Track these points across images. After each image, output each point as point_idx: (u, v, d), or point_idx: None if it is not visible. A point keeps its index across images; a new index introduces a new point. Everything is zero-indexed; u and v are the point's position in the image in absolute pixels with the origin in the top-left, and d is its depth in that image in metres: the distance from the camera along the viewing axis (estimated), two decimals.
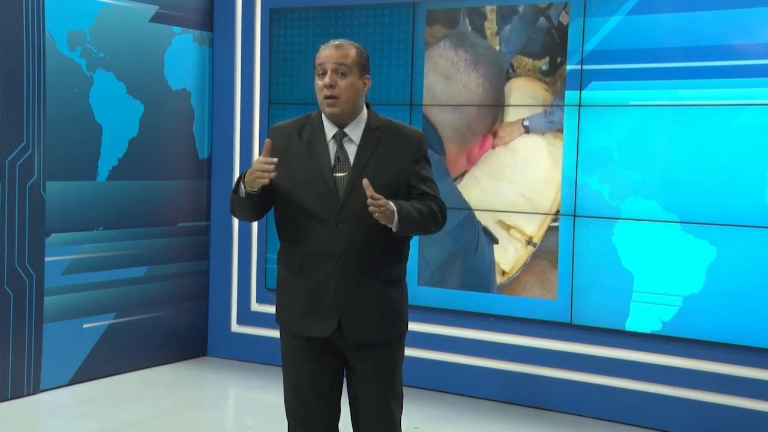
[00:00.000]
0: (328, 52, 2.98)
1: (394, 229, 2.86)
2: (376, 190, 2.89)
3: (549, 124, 5.11)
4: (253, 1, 5.99)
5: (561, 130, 5.06)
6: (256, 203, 2.96)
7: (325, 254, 2.94)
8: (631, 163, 4.90)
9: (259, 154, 6.00)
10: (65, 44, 5.24)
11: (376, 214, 2.80)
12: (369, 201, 2.79)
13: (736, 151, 4.63)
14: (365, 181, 2.81)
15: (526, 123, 5.17)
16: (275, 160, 2.85)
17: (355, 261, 2.93)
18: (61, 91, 5.24)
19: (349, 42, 3.02)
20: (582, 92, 5.00)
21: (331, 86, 2.95)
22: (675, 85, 4.78)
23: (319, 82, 2.99)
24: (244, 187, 2.92)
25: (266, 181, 2.85)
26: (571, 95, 5.03)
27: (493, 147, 5.28)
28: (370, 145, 3.00)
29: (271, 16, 5.93)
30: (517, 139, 5.21)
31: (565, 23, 5.01)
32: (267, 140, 2.91)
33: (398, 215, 2.84)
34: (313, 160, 2.98)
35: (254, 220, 3.19)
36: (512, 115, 5.22)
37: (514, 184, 5.23)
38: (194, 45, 6.06)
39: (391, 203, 2.84)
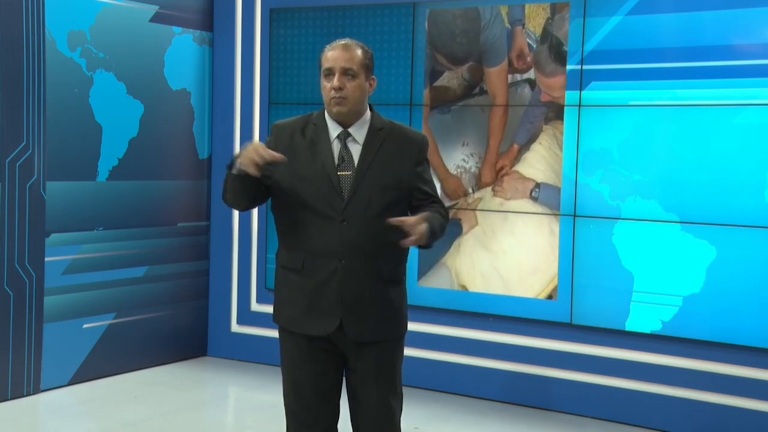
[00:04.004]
0: (335, 54, 2.97)
1: (423, 245, 2.93)
2: (379, 190, 2.92)
3: (558, 203, 5.10)
4: (253, 1, 5.99)
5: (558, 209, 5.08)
6: (247, 186, 2.92)
7: (327, 252, 2.95)
8: (631, 163, 4.90)
9: None
10: (65, 44, 5.24)
11: (413, 238, 2.83)
12: (408, 230, 2.82)
13: (736, 151, 4.63)
14: (393, 220, 2.84)
15: (534, 194, 5.15)
16: (275, 157, 2.83)
17: (358, 259, 2.94)
18: (61, 91, 5.24)
19: (355, 42, 3.02)
20: (582, 92, 4.99)
21: (339, 88, 2.95)
22: (675, 85, 4.77)
23: (326, 84, 2.99)
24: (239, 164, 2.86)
25: (252, 169, 2.80)
26: (571, 95, 5.03)
27: (493, 187, 5.26)
28: (373, 146, 3.01)
29: (271, 16, 5.93)
30: (519, 201, 5.19)
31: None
32: (279, 156, 2.87)
33: (429, 232, 2.89)
34: (317, 158, 2.98)
35: (246, 209, 3.16)
36: (526, 168, 5.20)
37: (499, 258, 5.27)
38: (194, 45, 6.06)
39: (424, 225, 2.86)
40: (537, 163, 5.16)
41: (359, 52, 2.99)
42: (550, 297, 5.11)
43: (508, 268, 5.23)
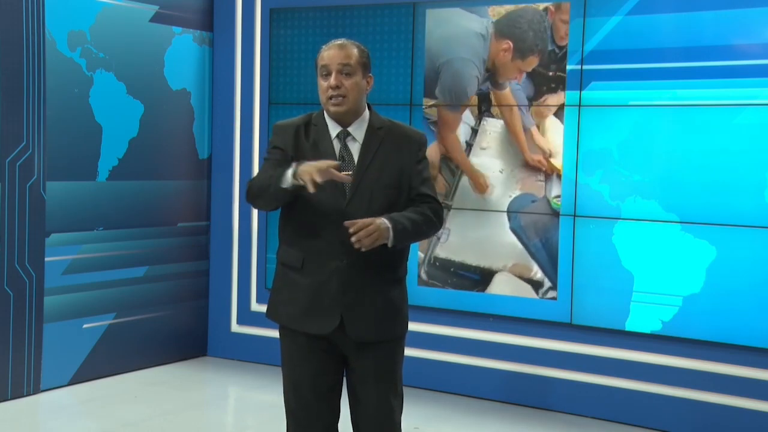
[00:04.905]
0: (331, 53, 2.99)
1: (389, 245, 2.89)
2: (379, 189, 2.91)
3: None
4: (253, 1, 5.99)
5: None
6: (290, 197, 2.92)
7: (329, 251, 2.95)
8: (631, 163, 4.90)
9: (259, 154, 6.03)
10: (65, 44, 5.23)
11: (367, 240, 2.81)
12: (356, 233, 2.80)
13: (736, 151, 4.63)
14: (347, 222, 2.83)
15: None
16: (342, 178, 2.85)
17: (358, 259, 2.93)
18: (61, 91, 5.24)
19: (350, 41, 3.03)
20: (582, 92, 5.00)
21: (337, 87, 2.96)
22: (675, 85, 4.77)
23: (323, 83, 3.00)
24: (293, 178, 2.84)
25: (310, 186, 2.79)
26: (571, 95, 5.03)
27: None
28: (373, 145, 3.02)
29: (271, 16, 5.93)
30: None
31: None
32: (345, 177, 2.88)
33: (393, 231, 2.87)
34: (319, 158, 2.97)
35: (272, 210, 3.17)
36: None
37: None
38: (194, 45, 6.06)
39: (383, 220, 2.85)
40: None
41: (355, 50, 3.00)
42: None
43: None
